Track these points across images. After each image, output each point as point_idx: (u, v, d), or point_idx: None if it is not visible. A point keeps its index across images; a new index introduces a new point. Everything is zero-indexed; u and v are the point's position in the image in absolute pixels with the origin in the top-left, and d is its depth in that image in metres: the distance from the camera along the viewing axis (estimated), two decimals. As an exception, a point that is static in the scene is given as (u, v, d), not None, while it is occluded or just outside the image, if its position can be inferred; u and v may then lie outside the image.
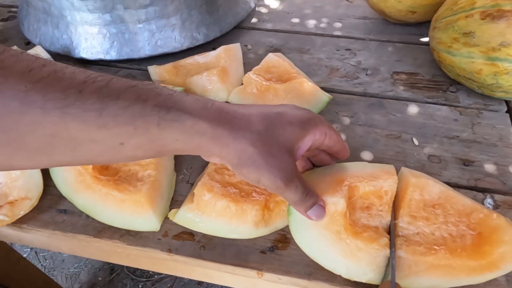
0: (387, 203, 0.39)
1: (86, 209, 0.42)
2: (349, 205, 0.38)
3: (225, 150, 0.32)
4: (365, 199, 0.40)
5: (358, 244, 0.37)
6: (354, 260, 0.37)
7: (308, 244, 0.38)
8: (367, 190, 0.39)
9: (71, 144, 0.27)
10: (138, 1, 0.58)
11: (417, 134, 0.53)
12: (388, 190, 0.39)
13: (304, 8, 0.79)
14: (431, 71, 0.63)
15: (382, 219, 0.39)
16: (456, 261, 0.36)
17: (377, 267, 0.37)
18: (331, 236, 0.37)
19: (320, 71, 0.64)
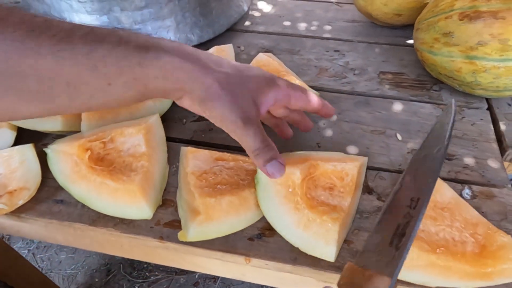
0: (348, 184, 0.42)
1: (82, 199, 0.44)
2: (309, 180, 0.42)
3: (196, 85, 0.35)
4: (327, 178, 0.42)
5: (312, 216, 0.40)
6: (308, 232, 0.40)
7: (272, 213, 0.41)
8: (327, 169, 0.42)
9: (67, 87, 0.31)
10: (134, 3, 0.61)
11: (400, 130, 0.56)
12: (348, 172, 0.42)
13: (295, 11, 0.82)
14: (416, 71, 0.66)
15: (342, 200, 0.42)
16: (455, 263, 0.37)
17: (327, 241, 0.39)
18: (289, 206, 0.41)
19: (309, 71, 0.66)
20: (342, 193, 0.42)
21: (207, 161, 0.46)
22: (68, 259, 1.36)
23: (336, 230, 0.40)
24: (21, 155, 0.46)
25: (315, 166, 0.43)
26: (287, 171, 0.41)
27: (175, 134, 0.56)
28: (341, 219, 0.41)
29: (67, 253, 1.38)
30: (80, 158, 0.44)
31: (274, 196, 0.42)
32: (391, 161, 0.52)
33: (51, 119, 0.50)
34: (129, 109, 0.52)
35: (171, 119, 0.58)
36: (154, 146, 0.48)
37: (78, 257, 1.37)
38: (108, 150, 0.46)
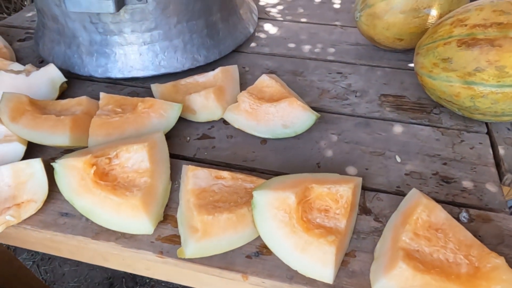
0: (343, 206, 0.43)
1: (86, 212, 0.46)
2: (305, 204, 0.43)
3: None
4: (322, 201, 0.43)
5: (308, 239, 0.41)
6: (305, 254, 0.41)
7: (269, 237, 0.42)
8: (321, 191, 0.43)
9: None
10: (144, 25, 0.64)
11: (400, 152, 0.57)
12: (343, 195, 0.43)
13: (300, 34, 0.84)
14: (417, 94, 0.67)
15: (337, 222, 0.43)
16: (450, 285, 0.37)
17: (325, 264, 0.40)
18: (286, 230, 0.42)
19: (311, 92, 0.68)
20: (337, 215, 0.43)
21: (206, 179, 0.47)
22: (71, 272, 1.37)
23: (333, 253, 0.41)
24: (30, 169, 0.48)
25: (310, 189, 0.44)
26: (282, 195, 0.42)
27: (178, 151, 0.57)
28: (338, 241, 0.41)
29: (71, 265, 1.39)
30: (86, 173, 0.45)
31: (271, 221, 0.43)
32: (389, 182, 0.52)
33: (59, 135, 0.52)
34: (135, 126, 0.54)
35: (176, 136, 0.59)
36: (157, 162, 0.49)
37: (82, 270, 1.37)
38: (113, 166, 0.48)
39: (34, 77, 0.62)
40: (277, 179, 0.45)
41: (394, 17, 0.68)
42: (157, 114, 0.56)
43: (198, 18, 0.67)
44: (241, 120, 0.58)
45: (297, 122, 0.56)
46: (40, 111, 0.56)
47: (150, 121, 0.55)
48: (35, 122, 0.53)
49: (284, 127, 0.56)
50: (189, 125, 0.61)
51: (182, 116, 0.60)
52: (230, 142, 0.59)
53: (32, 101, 0.56)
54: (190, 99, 0.60)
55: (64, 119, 0.53)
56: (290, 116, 0.56)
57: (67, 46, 0.68)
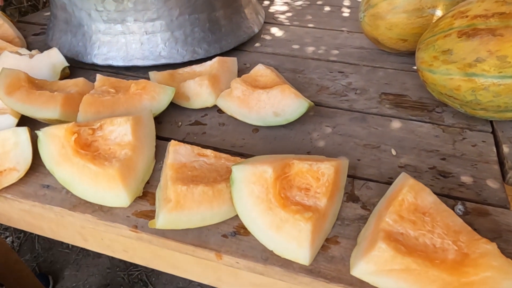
0: (324, 185, 0.40)
1: (65, 182, 0.45)
2: (284, 180, 0.41)
3: None
4: (302, 178, 0.41)
5: (285, 216, 0.38)
6: (280, 233, 0.38)
7: (245, 214, 0.40)
8: (302, 168, 0.41)
9: None
10: (147, 15, 0.65)
11: (395, 146, 0.54)
12: (324, 172, 0.41)
13: (305, 37, 0.84)
14: (418, 94, 0.65)
15: (317, 201, 0.40)
16: (433, 271, 0.35)
17: (300, 243, 0.38)
18: (262, 206, 0.40)
19: (310, 88, 0.67)
20: (318, 193, 0.41)
21: (188, 156, 0.46)
22: (71, 276, 1.36)
23: (309, 230, 0.38)
24: (15, 137, 0.48)
25: (290, 166, 0.42)
26: (259, 169, 0.41)
27: (168, 134, 0.57)
28: (315, 219, 0.39)
29: (71, 270, 1.37)
30: (66, 141, 0.45)
31: (248, 197, 0.41)
32: (381, 173, 0.50)
33: (50, 109, 0.52)
34: (125, 106, 0.54)
35: (168, 121, 0.59)
36: (141, 137, 0.48)
37: (81, 275, 1.36)
38: (96, 137, 0.48)
39: (36, 59, 0.63)
40: (259, 157, 0.44)
41: (397, 17, 0.67)
42: (149, 96, 0.56)
43: (200, 12, 0.68)
44: (233, 107, 0.57)
45: (288, 110, 0.55)
46: (37, 88, 0.56)
47: (141, 102, 0.55)
48: (29, 97, 0.54)
49: (275, 115, 0.55)
50: (182, 112, 0.61)
51: (176, 103, 0.60)
52: (221, 129, 0.58)
53: (30, 79, 0.57)
54: (185, 86, 0.59)
55: (57, 95, 0.54)
56: (281, 103, 0.55)
57: (73, 35, 0.70)
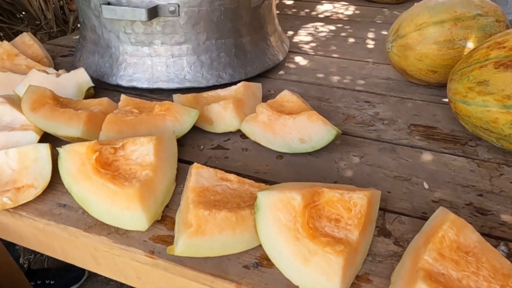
0: (356, 216, 0.38)
1: (82, 201, 0.43)
2: (312, 209, 0.38)
3: None
4: (333, 208, 0.38)
5: (313, 248, 0.35)
6: (308, 266, 0.35)
7: (269, 243, 0.38)
8: (332, 197, 0.38)
9: None
10: (174, 38, 0.65)
11: (428, 179, 0.51)
12: (357, 202, 0.38)
13: (330, 67, 0.83)
14: (450, 127, 0.62)
15: (348, 233, 0.37)
16: None
17: (330, 278, 0.34)
18: (289, 235, 0.37)
19: (336, 116, 0.65)
20: (349, 225, 0.38)
21: (211, 179, 0.44)
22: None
23: (340, 264, 0.35)
24: (36, 153, 0.47)
25: (320, 194, 0.40)
26: (287, 196, 0.38)
27: (189, 157, 0.55)
28: (347, 253, 0.36)
29: None
30: (87, 158, 0.44)
31: (273, 224, 0.38)
32: (413, 207, 0.47)
33: (73, 126, 0.52)
34: (148, 126, 0.53)
35: (189, 144, 0.58)
36: (163, 159, 0.47)
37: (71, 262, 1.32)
38: (117, 156, 0.46)
39: (63, 79, 0.64)
40: (285, 184, 0.42)
41: (427, 48, 0.65)
42: (172, 118, 0.55)
43: (227, 37, 0.69)
44: (258, 132, 0.55)
45: (315, 137, 0.53)
46: (61, 106, 0.56)
47: (164, 123, 0.54)
48: (53, 113, 0.53)
49: (301, 141, 0.53)
50: (205, 136, 0.59)
51: (199, 126, 0.59)
52: (244, 154, 0.56)
53: (55, 96, 0.57)
54: (209, 109, 0.58)
55: (80, 113, 0.53)
56: (308, 129, 0.53)
57: (100, 56, 0.70)
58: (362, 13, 1.21)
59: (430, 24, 0.65)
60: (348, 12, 1.22)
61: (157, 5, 0.62)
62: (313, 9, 1.25)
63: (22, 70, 0.71)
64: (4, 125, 0.54)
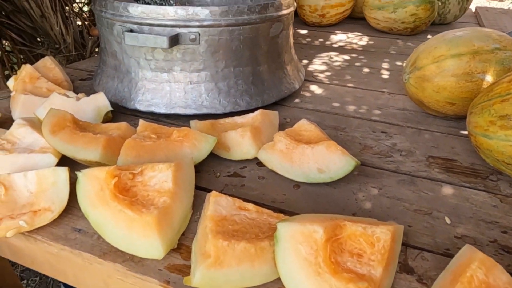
0: (379, 251, 0.36)
1: (98, 226, 0.43)
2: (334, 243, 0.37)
3: None
4: (355, 242, 0.37)
5: (335, 284, 0.34)
6: None
7: (289, 277, 0.36)
8: (355, 231, 0.37)
9: None
10: (193, 65, 0.66)
11: (449, 214, 0.50)
12: (380, 237, 0.37)
13: (345, 96, 0.83)
14: (470, 160, 0.61)
15: (372, 269, 0.36)
16: None
17: None
18: (309, 269, 0.36)
19: (353, 146, 0.64)
20: (372, 261, 0.37)
21: (229, 208, 0.44)
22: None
23: None
24: (54, 177, 0.47)
25: (342, 227, 0.39)
26: (309, 228, 0.37)
27: (206, 184, 0.55)
28: None
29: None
30: (106, 183, 0.44)
31: (293, 258, 0.37)
32: (436, 242, 0.45)
33: (92, 150, 0.52)
34: (165, 152, 0.53)
35: (206, 171, 0.57)
36: (180, 185, 0.46)
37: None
38: (135, 182, 0.46)
39: (82, 102, 0.65)
40: (306, 215, 0.41)
41: (445, 80, 0.65)
42: (189, 144, 0.55)
43: (245, 65, 0.69)
44: (275, 160, 0.55)
45: (334, 167, 0.52)
46: (80, 130, 0.57)
47: (182, 149, 0.54)
48: (72, 137, 0.54)
49: (319, 171, 0.53)
50: (221, 162, 0.59)
51: (215, 153, 0.59)
52: (261, 182, 0.55)
53: (75, 120, 0.58)
54: (226, 136, 0.58)
55: (99, 137, 0.53)
56: (326, 159, 0.53)
57: (119, 80, 0.71)
58: (375, 43, 1.23)
59: (448, 57, 0.65)
60: (362, 42, 1.23)
61: (178, 33, 0.63)
62: (327, 39, 1.27)
63: (43, 93, 0.72)
64: (24, 147, 0.54)
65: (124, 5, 0.64)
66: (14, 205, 0.47)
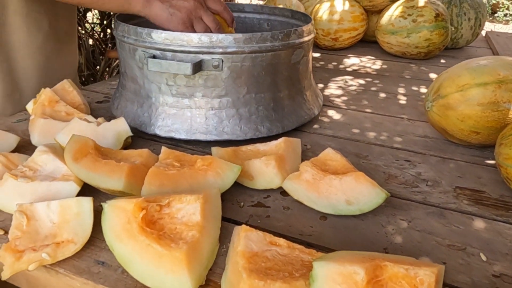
0: None
1: (123, 260, 0.41)
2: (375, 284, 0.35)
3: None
4: (396, 284, 0.36)
5: None
6: None
7: None
8: (397, 272, 0.35)
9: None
10: (215, 91, 0.66)
11: (484, 249, 0.48)
12: (424, 280, 0.35)
13: (364, 122, 0.83)
14: (498, 191, 0.60)
15: None
16: None
17: None
18: None
19: (377, 175, 0.63)
20: None
21: (260, 243, 0.42)
22: None
23: None
24: (78, 207, 0.46)
25: (383, 268, 0.37)
26: (348, 269, 0.36)
27: (230, 215, 0.53)
28: None
29: None
30: (134, 216, 0.42)
31: None
32: (473, 282, 0.43)
33: (115, 179, 0.51)
34: (190, 181, 0.52)
35: (229, 200, 0.56)
36: (208, 218, 0.45)
37: None
38: (162, 214, 0.45)
39: (103, 127, 0.64)
40: (341, 252, 0.39)
41: (470, 109, 0.64)
42: (214, 173, 0.53)
43: (266, 92, 0.69)
44: (301, 191, 0.54)
45: (363, 199, 0.51)
46: (102, 157, 0.56)
47: (206, 178, 0.53)
48: (95, 164, 0.53)
49: (347, 203, 0.51)
50: (244, 191, 0.58)
51: (238, 181, 0.57)
52: (286, 213, 0.54)
53: (97, 146, 0.57)
54: (249, 164, 0.57)
55: (122, 165, 0.52)
56: (355, 191, 0.51)
57: (139, 105, 0.71)
58: (389, 67, 1.23)
59: (472, 86, 0.64)
60: (376, 66, 1.24)
61: (201, 60, 0.63)
62: (341, 62, 1.27)
63: (62, 116, 0.71)
64: (46, 174, 0.53)
65: (147, 31, 0.64)
66: (36, 236, 0.45)
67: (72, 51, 0.97)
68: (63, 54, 0.93)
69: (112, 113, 0.77)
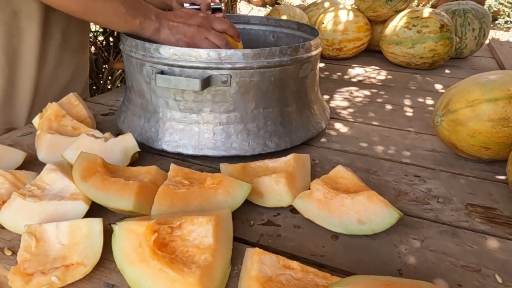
0: None
1: (135, 284, 0.41)
2: None
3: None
4: None
5: None
6: None
7: None
8: None
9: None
10: (223, 107, 0.65)
11: (499, 271, 0.47)
12: None
13: (372, 135, 0.82)
14: (510, 208, 0.59)
15: None
16: None
17: None
18: None
19: (387, 192, 0.63)
20: None
21: (273, 267, 0.41)
22: None
23: None
24: (88, 229, 0.45)
25: None
26: None
27: (240, 234, 0.53)
28: None
29: None
30: (145, 240, 0.42)
31: None
32: (491, 306, 0.43)
33: (124, 199, 0.50)
34: (200, 200, 0.51)
35: (238, 218, 0.55)
36: (220, 240, 0.44)
37: None
38: (174, 236, 0.44)
39: (110, 143, 0.63)
40: (358, 277, 0.38)
41: (480, 125, 0.64)
42: (224, 191, 0.53)
43: (274, 106, 0.68)
44: (312, 209, 0.53)
45: (376, 219, 0.50)
46: (110, 174, 0.55)
47: (216, 197, 0.52)
48: (103, 183, 0.52)
49: (359, 223, 0.51)
50: (253, 209, 0.57)
51: (247, 199, 0.57)
52: (297, 232, 0.53)
53: (105, 163, 0.56)
54: (259, 182, 0.57)
55: (132, 183, 0.52)
56: (367, 211, 0.51)
57: (146, 120, 0.70)
58: (394, 78, 1.23)
59: (482, 101, 0.64)
60: (380, 77, 1.23)
61: (210, 75, 0.62)
62: (345, 73, 1.27)
63: (68, 131, 0.71)
64: (54, 193, 0.53)
65: (155, 46, 0.64)
66: (45, 259, 0.45)
67: (82, 63, 0.97)
68: (73, 65, 0.92)
69: (119, 127, 0.77)
